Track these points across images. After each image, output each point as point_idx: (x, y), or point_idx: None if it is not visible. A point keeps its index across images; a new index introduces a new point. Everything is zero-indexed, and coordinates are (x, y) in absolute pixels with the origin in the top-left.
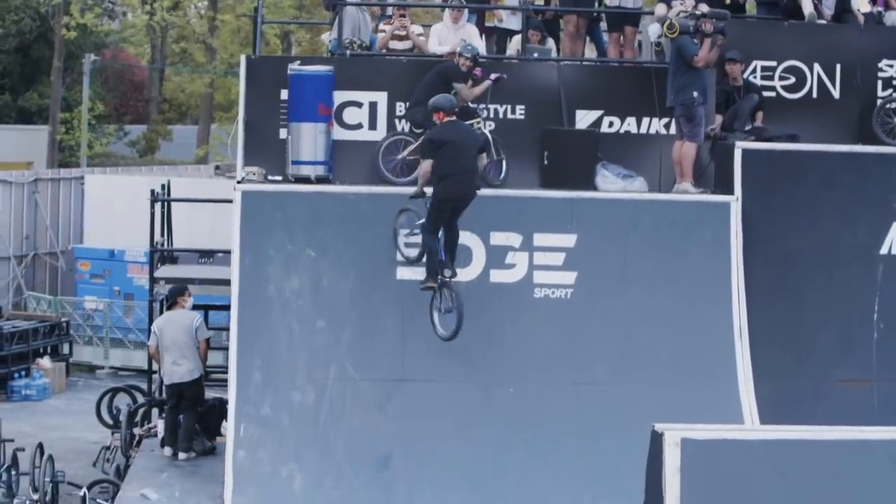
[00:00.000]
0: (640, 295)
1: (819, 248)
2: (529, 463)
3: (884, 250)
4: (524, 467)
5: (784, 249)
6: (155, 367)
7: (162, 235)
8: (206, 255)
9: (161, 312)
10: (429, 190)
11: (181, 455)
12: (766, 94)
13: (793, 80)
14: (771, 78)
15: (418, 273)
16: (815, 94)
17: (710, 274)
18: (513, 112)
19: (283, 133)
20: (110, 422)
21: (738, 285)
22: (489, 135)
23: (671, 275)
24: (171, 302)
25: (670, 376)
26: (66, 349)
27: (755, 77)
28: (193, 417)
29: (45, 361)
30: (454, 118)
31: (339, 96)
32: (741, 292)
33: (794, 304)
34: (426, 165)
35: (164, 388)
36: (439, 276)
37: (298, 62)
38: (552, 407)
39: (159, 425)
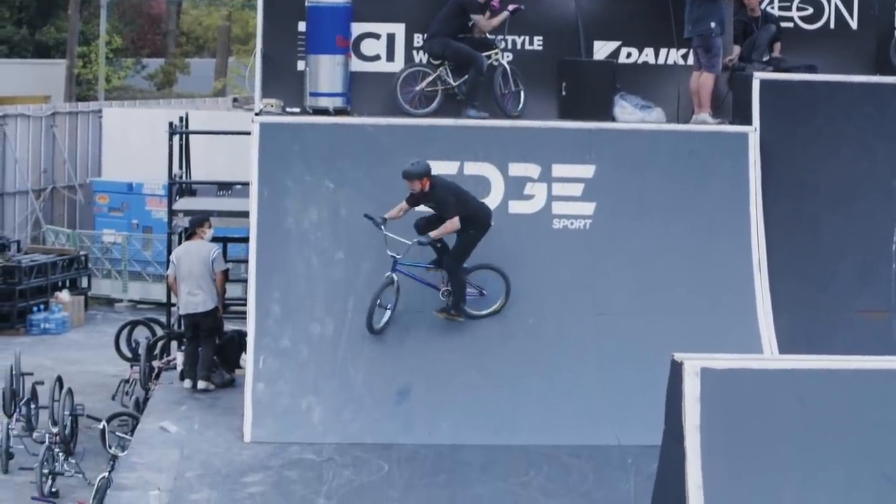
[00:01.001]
0: (658, 226)
1: (837, 179)
2: (548, 393)
3: None
4: (543, 397)
5: (802, 181)
6: (174, 299)
7: (180, 168)
8: (225, 187)
9: (179, 245)
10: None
11: (199, 384)
12: (783, 24)
13: (810, 10)
14: (788, 9)
15: None
16: (832, 25)
17: (729, 205)
18: (530, 43)
19: (300, 65)
20: (129, 355)
21: (757, 216)
22: (507, 66)
23: (689, 206)
24: (191, 232)
25: (689, 307)
26: (84, 283)
27: (773, 8)
28: (211, 348)
29: (64, 295)
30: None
31: (357, 28)
32: (759, 223)
33: (813, 236)
34: (456, 221)
35: (180, 318)
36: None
37: None
38: (571, 337)
39: (178, 358)
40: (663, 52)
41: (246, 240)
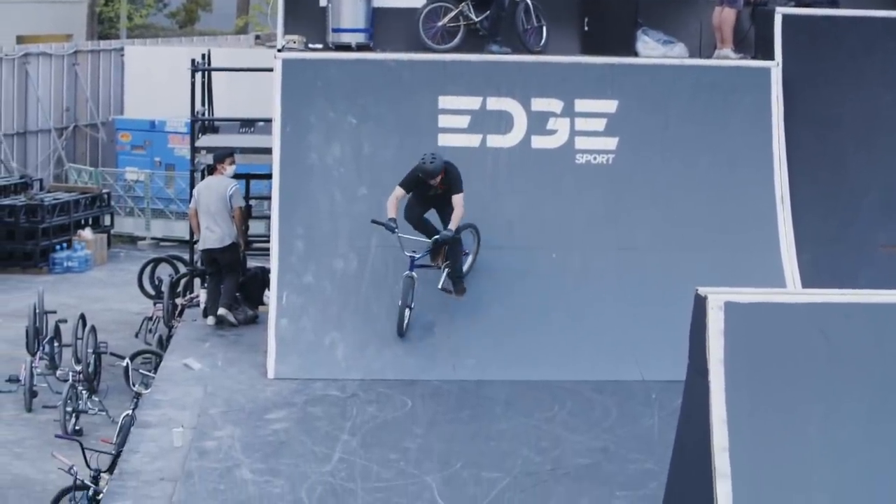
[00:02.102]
0: (681, 161)
1: (860, 113)
2: (572, 328)
3: None
4: (567, 333)
5: (825, 115)
6: (196, 236)
7: (202, 105)
8: (247, 124)
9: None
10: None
11: (220, 311)
12: None
13: None
14: None
15: (462, 139)
16: None
17: (751, 140)
18: None
19: (323, 1)
20: (152, 292)
21: (780, 151)
22: (529, 1)
23: (712, 140)
24: (212, 167)
25: (712, 242)
26: (107, 221)
27: None
28: (233, 281)
29: (87, 233)
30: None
31: None
32: (782, 158)
33: (836, 171)
34: (462, 197)
35: (202, 254)
36: None
37: None
38: (595, 272)
39: (201, 295)
40: None
41: (269, 176)
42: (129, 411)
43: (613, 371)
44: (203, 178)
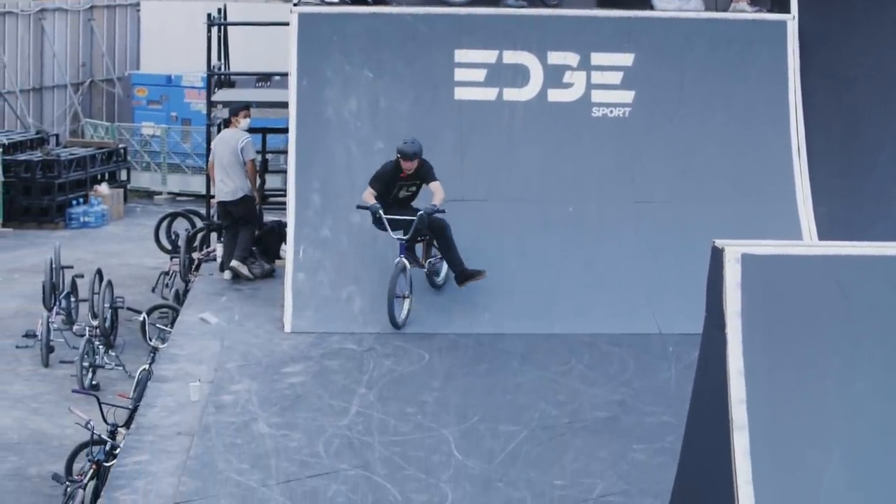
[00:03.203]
0: (697, 114)
1: (877, 67)
2: (589, 281)
3: None
4: (583, 286)
5: (842, 69)
6: (213, 190)
7: (219, 59)
8: (264, 78)
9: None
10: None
11: (233, 263)
12: None
13: None
14: None
15: (478, 92)
16: None
17: (768, 93)
18: None
19: None
20: (169, 247)
21: (796, 105)
22: None
23: (728, 94)
24: (228, 121)
25: (729, 195)
26: (123, 175)
27: None
28: (248, 235)
29: (103, 188)
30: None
31: None
32: (798, 111)
33: (852, 125)
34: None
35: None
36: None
37: None
38: (611, 225)
39: (218, 249)
40: None
41: (285, 130)
42: (146, 366)
43: (630, 324)
44: (219, 132)
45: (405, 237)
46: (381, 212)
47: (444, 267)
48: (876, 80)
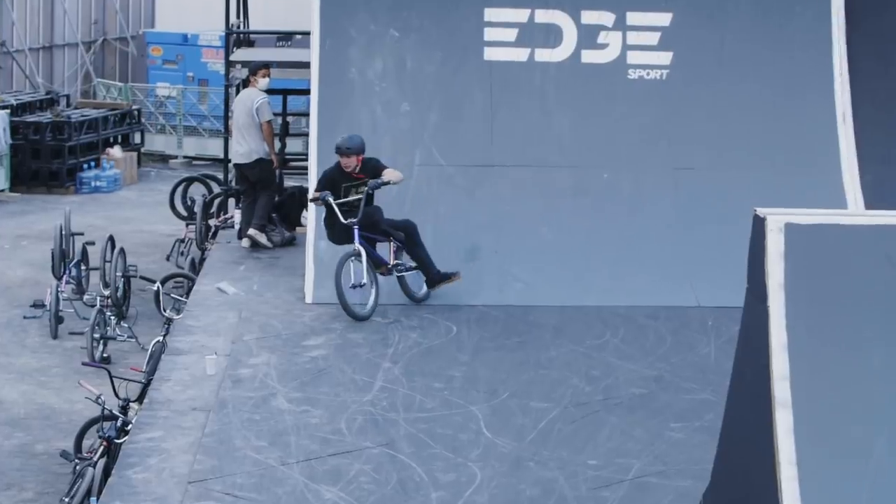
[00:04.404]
0: (738, 77)
1: None
2: (624, 251)
3: None
4: (619, 256)
5: (889, 32)
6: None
7: (238, 17)
8: (285, 37)
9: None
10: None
11: (250, 231)
12: None
13: None
14: None
15: (508, 53)
16: None
17: (811, 55)
18: None
19: None
20: (184, 213)
21: (841, 67)
22: None
23: (771, 56)
24: (247, 81)
25: (771, 162)
26: (137, 138)
27: None
28: (266, 200)
29: (116, 151)
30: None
31: None
32: (844, 75)
33: None
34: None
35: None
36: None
37: None
38: (648, 192)
39: (236, 216)
40: None
41: (307, 92)
42: (160, 338)
43: (668, 296)
44: (238, 94)
45: (355, 220)
46: (330, 198)
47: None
48: None
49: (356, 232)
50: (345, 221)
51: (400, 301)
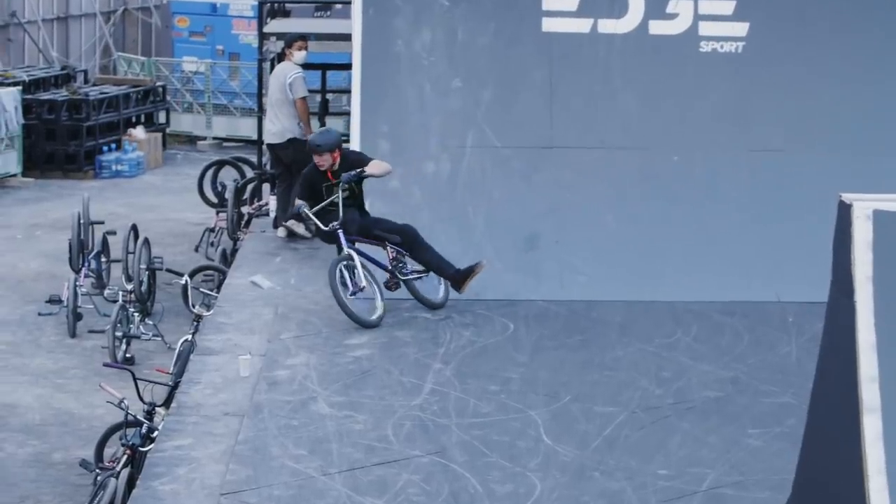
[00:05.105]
0: (820, 50)
1: None
2: (697, 241)
3: None
4: (691, 247)
5: None
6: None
7: None
8: (323, 7)
9: (271, 74)
10: None
11: (288, 221)
12: None
13: None
14: None
15: (569, 24)
16: None
17: None
18: None
19: None
20: (214, 200)
21: None
22: None
23: (856, 27)
24: (282, 54)
25: (856, 142)
26: (161, 118)
27: None
28: None
29: (139, 132)
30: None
31: None
32: None
33: None
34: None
35: None
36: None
37: None
38: (722, 176)
39: (271, 202)
40: None
41: (348, 66)
42: (189, 336)
43: (745, 291)
44: (272, 69)
45: (337, 224)
46: (305, 209)
47: (441, 284)
48: None
49: (341, 236)
50: (325, 228)
51: (452, 296)
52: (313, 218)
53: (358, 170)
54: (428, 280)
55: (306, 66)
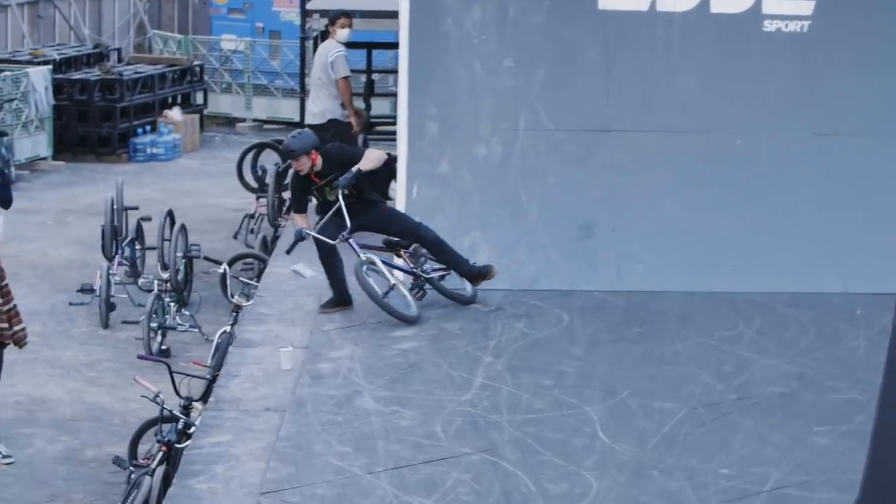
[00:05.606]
0: (892, 28)
1: None
2: (761, 230)
3: None
4: (754, 235)
5: None
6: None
7: None
8: None
9: (314, 53)
10: None
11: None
12: None
13: None
14: None
15: (627, 2)
16: None
17: None
18: None
19: None
20: (254, 184)
21: None
22: None
23: None
24: (325, 32)
25: None
26: (199, 99)
27: None
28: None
29: (175, 113)
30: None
31: None
32: None
33: None
34: (377, 152)
35: None
36: None
37: None
38: (787, 163)
39: None
40: None
41: (395, 45)
42: (227, 328)
43: (811, 281)
44: (315, 48)
45: (347, 234)
46: (304, 232)
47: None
48: None
49: (354, 245)
50: (333, 242)
51: (504, 286)
52: (319, 237)
53: (353, 170)
54: (452, 275)
55: (351, 44)
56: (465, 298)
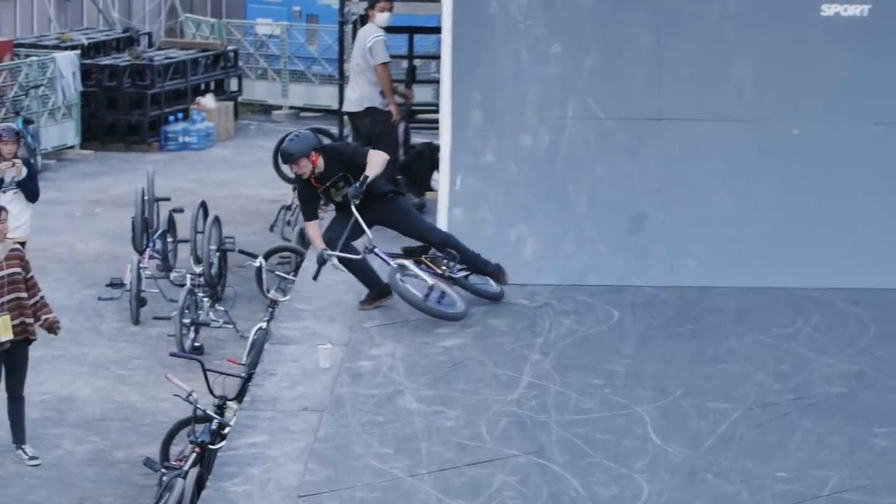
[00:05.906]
0: None
1: None
2: (819, 223)
3: None
4: (812, 228)
5: None
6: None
7: None
8: None
9: (353, 37)
10: None
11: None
12: None
13: None
14: None
15: None
16: None
17: None
18: None
19: None
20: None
21: None
22: None
23: None
24: (365, 16)
25: None
26: (233, 85)
27: None
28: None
29: (208, 100)
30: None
31: None
32: None
33: None
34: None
35: None
36: None
37: None
38: (846, 151)
39: None
40: None
41: (437, 30)
42: (263, 324)
43: (871, 276)
44: (354, 32)
45: (371, 246)
46: (326, 254)
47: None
48: None
49: (380, 254)
50: (357, 257)
51: (551, 281)
52: (344, 255)
53: (361, 179)
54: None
55: (391, 29)
56: (492, 295)
